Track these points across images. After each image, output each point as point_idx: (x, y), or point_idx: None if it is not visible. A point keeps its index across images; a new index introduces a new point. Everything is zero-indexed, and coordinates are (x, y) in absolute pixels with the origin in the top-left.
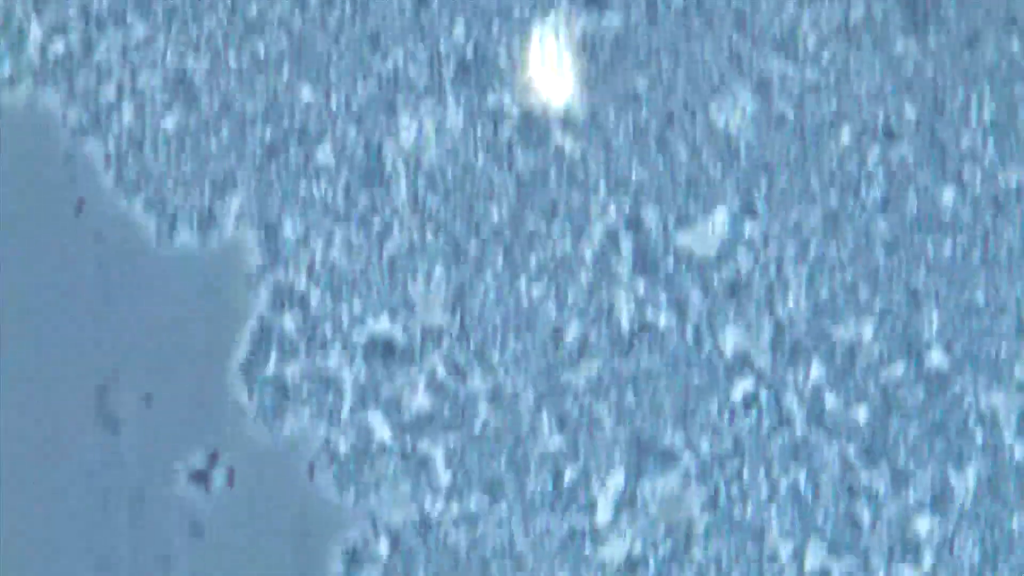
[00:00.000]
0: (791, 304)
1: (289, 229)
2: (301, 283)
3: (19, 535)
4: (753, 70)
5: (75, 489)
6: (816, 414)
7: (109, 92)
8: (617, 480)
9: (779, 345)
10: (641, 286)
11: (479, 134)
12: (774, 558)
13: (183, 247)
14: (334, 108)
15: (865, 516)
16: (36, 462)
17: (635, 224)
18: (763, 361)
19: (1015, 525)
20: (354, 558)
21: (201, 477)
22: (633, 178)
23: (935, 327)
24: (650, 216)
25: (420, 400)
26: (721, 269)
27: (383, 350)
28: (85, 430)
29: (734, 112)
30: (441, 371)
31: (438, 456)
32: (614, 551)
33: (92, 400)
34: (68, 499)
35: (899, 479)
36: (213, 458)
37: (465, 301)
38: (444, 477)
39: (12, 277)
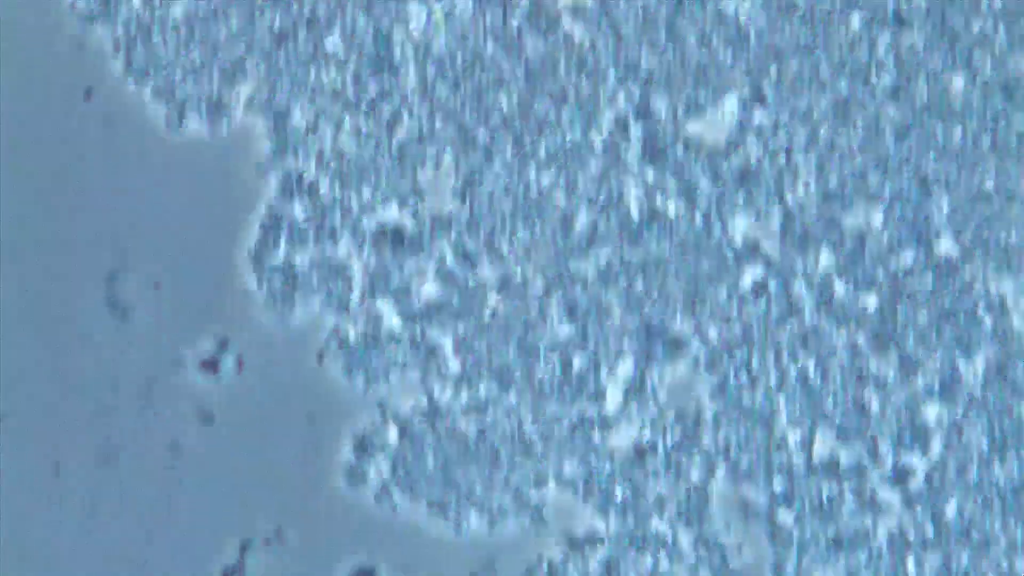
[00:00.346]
0: (800, 192)
1: (298, 117)
2: (310, 171)
3: (27, 421)
4: None
5: (84, 377)
6: (825, 301)
7: None
8: (626, 368)
9: (788, 233)
10: (650, 174)
11: (488, 21)
12: (782, 445)
13: (192, 135)
14: None
15: (874, 403)
16: (44, 350)
17: (644, 112)
18: (772, 249)
19: None
20: (363, 445)
21: (210, 364)
22: (643, 66)
23: (944, 214)
24: (659, 104)
25: (429, 288)
26: (730, 157)
27: (392, 238)
28: (94, 317)
29: None
30: (450, 259)
31: (447, 344)
32: (623, 438)
33: (101, 287)
34: (77, 386)
35: (908, 366)
36: (222, 345)
37: (474, 189)
38: (453, 365)
39: (21, 163)
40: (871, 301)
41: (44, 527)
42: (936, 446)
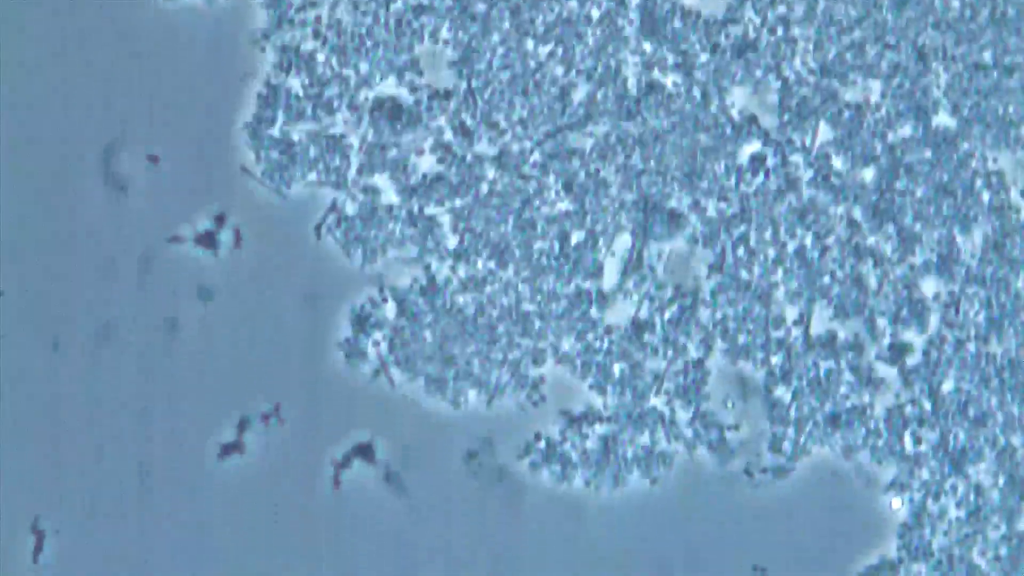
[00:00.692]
0: (798, 64)
1: None
2: (307, 43)
3: (26, 298)
4: None
5: (80, 252)
6: (823, 175)
7: None
8: (624, 243)
9: (786, 106)
10: (648, 47)
11: None
12: (780, 321)
13: (189, 5)
14: None
15: (871, 278)
16: (41, 226)
17: None
18: (770, 122)
19: (1022, 285)
20: (361, 321)
21: (208, 239)
22: None
23: (943, 86)
24: None
25: (427, 162)
26: (728, 29)
27: (390, 111)
28: (91, 192)
29: None
30: (448, 133)
31: (445, 219)
32: (620, 314)
33: (98, 161)
34: (73, 262)
35: (906, 240)
36: (220, 220)
37: (472, 62)
38: (451, 240)
39: (14, 33)
40: (869, 175)
41: (43, 403)
42: (934, 321)
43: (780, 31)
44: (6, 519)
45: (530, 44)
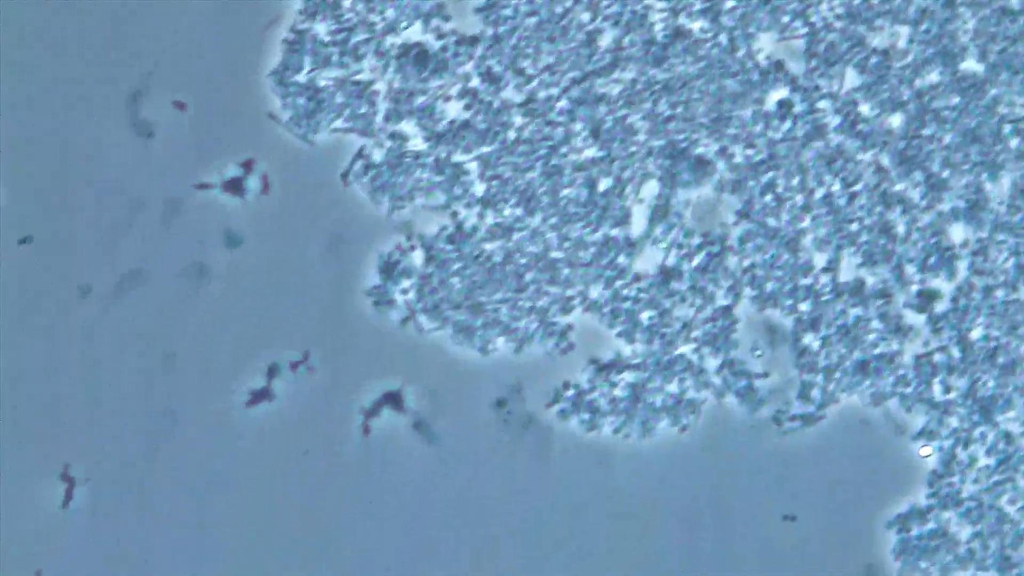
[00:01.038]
0: (825, 10)
1: None
2: None
3: (52, 242)
4: None
5: (108, 198)
6: (850, 122)
7: None
8: (651, 190)
9: (813, 52)
10: None
11: None
12: (808, 268)
13: None
14: None
15: (899, 225)
16: (69, 172)
17: None
18: (797, 68)
19: None
20: (389, 268)
21: (236, 185)
22: None
23: (970, 32)
24: None
25: (454, 109)
26: None
27: (416, 58)
28: (118, 138)
29: None
30: (475, 79)
31: (472, 166)
32: (648, 261)
33: (124, 106)
34: (101, 208)
35: (933, 187)
36: (247, 166)
37: (498, 7)
38: (478, 187)
39: None
40: (897, 121)
41: (71, 350)
42: (962, 268)
43: None
44: (36, 467)
45: None
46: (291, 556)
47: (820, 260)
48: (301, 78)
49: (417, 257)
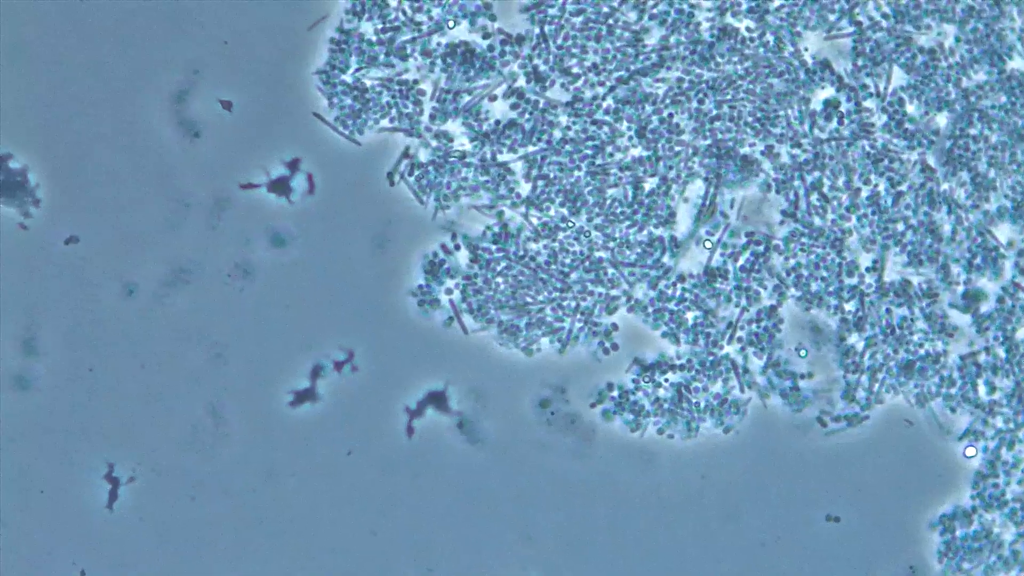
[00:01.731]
0: (872, 9)
1: None
2: None
3: (97, 241)
4: None
5: (153, 198)
6: (897, 121)
7: None
8: (697, 189)
9: (860, 51)
10: None
11: None
12: (854, 268)
13: None
14: None
15: (945, 225)
16: (114, 170)
17: None
18: (844, 67)
19: None
20: (434, 268)
21: (281, 185)
22: None
23: (1018, 30)
24: None
25: (500, 108)
26: None
27: (463, 57)
28: (164, 137)
29: None
30: (521, 79)
31: (517, 166)
32: (693, 261)
33: (171, 107)
34: (146, 208)
35: (980, 187)
36: (293, 166)
37: (544, 6)
38: (524, 187)
39: None
40: (943, 120)
41: (116, 349)
42: (1008, 268)
43: None
44: (80, 467)
45: None
46: (335, 556)
47: (865, 260)
48: (347, 77)
49: (462, 257)
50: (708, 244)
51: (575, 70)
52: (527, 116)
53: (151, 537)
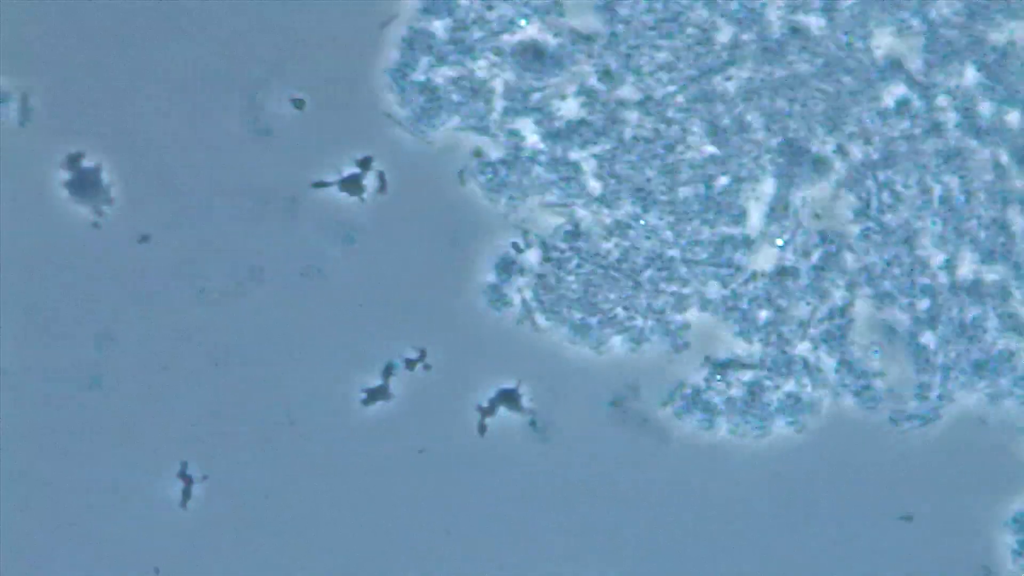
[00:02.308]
0: (944, 7)
1: None
2: None
3: (169, 240)
4: None
5: (225, 197)
6: (969, 119)
7: None
8: (768, 187)
9: (932, 49)
10: None
11: None
12: (926, 266)
13: None
14: None
15: (1018, 223)
16: (186, 168)
17: None
18: (915, 65)
19: None
20: (505, 266)
21: (353, 183)
22: None
23: None
24: None
25: (570, 107)
26: None
27: (533, 56)
28: (236, 136)
29: None
30: (591, 77)
31: (588, 164)
32: (765, 259)
33: (243, 105)
34: (218, 206)
35: None
36: (365, 164)
37: (616, 5)
38: (595, 185)
39: None
40: (1015, 118)
41: (188, 348)
42: None
43: None
44: (154, 466)
45: None
46: (407, 555)
47: (937, 258)
48: (418, 76)
49: (533, 255)
50: (779, 242)
51: (646, 68)
52: (597, 114)
53: (225, 535)
